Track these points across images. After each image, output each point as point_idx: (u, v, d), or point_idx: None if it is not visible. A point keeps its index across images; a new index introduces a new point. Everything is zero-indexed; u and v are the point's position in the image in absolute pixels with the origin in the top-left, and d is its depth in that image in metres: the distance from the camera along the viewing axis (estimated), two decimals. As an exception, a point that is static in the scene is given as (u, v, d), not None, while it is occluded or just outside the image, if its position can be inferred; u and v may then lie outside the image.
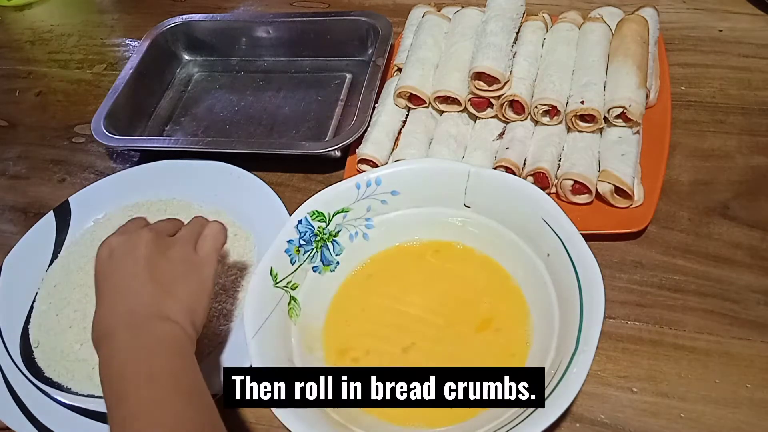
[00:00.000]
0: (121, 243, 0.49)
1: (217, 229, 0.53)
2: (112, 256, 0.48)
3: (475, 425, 0.46)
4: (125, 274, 0.47)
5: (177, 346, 0.45)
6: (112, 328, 0.44)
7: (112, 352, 0.43)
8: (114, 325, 0.45)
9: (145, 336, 0.44)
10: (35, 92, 0.92)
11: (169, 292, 0.47)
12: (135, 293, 0.46)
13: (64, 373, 0.58)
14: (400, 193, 0.57)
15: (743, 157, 0.65)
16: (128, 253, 0.48)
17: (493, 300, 0.54)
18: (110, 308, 0.46)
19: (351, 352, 0.53)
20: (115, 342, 0.44)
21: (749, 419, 0.49)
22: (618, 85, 0.62)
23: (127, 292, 0.46)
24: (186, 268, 0.49)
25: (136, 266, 0.47)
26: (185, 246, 0.50)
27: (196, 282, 0.49)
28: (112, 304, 0.46)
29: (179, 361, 0.44)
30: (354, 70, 0.83)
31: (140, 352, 0.43)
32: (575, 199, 0.61)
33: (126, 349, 0.43)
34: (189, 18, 0.87)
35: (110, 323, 0.45)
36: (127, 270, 0.47)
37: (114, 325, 0.45)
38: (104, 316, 0.46)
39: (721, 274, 0.57)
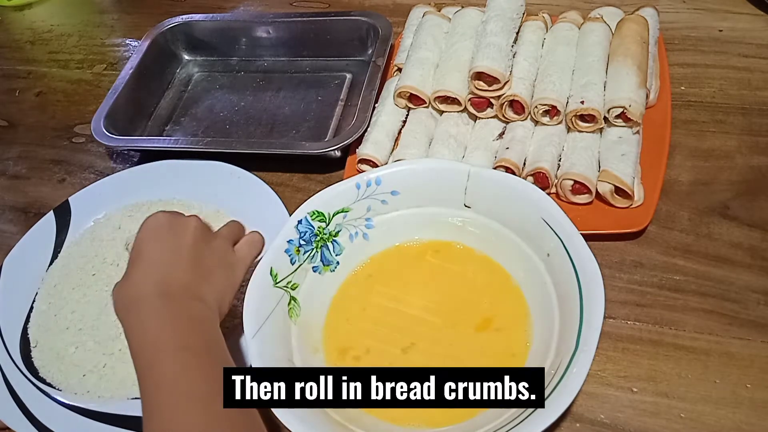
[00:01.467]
0: (170, 219, 0.50)
1: (258, 238, 0.55)
2: (159, 230, 0.49)
3: (475, 425, 0.46)
4: (169, 248, 0.48)
5: (211, 325, 0.46)
6: (146, 295, 0.45)
7: (142, 320, 0.44)
8: (149, 292, 0.45)
9: (178, 309, 0.45)
10: (35, 92, 0.92)
11: (206, 278, 0.48)
12: (173, 270, 0.47)
13: (57, 375, 0.58)
14: (400, 193, 0.57)
15: (743, 157, 0.65)
16: (176, 231, 0.49)
17: (493, 300, 0.54)
18: (143, 278, 0.46)
19: (351, 352, 0.53)
20: (150, 308, 0.44)
21: (749, 419, 0.49)
22: (618, 85, 0.62)
23: (165, 267, 0.47)
24: (223, 262, 0.51)
25: (182, 245, 0.48)
26: (226, 242, 0.52)
27: (228, 277, 0.50)
28: (146, 275, 0.46)
29: (211, 337, 0.45)
30: (354, 70, 0.83)
31: (174, 323, 0.43)
32: (575, 199, 0.61)
33: (161, 317, 0.43)
34: (189, 18, 0.87)
35: (145, 290, 0.45)
36: (170, 247, 0.48)
37: (149, 292, 0.45)
38: (135, 284, 0.46)
39: (721, 274, 0.57)
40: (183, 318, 0.44)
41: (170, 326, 0.43)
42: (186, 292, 0.46)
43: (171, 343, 0.42)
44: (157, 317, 0.44)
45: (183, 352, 0.42)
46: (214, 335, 0.45)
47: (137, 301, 0.44)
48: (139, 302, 0.44)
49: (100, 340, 0.59)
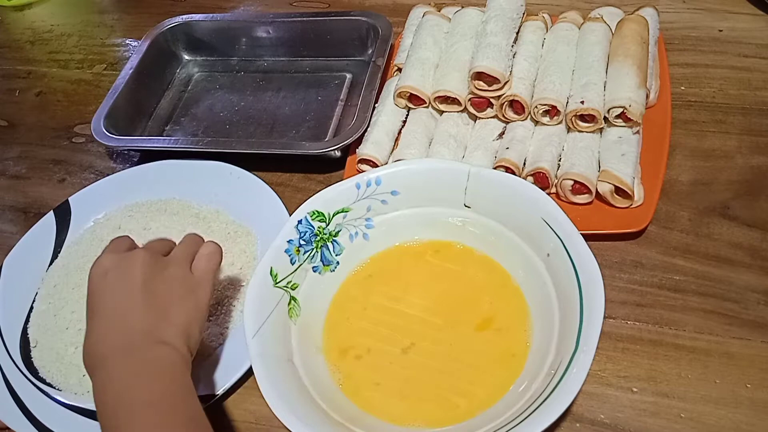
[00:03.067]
0: (115, 263, 0.48)
1: (213, 250, 0.52)
2: (106, 278, 0.47)
3: (475, 425, 0.46)
4: (120, 296, 0.46)
5: (174, 370, 0.44)
6: (106, 355, 0.44)
7: (107, 379, 0.43)
8: (109, 351, 0.44)
9: (141, 362, 0.43)
10: (35, 92, 0.92)
11: (165, 316, 0.46)
12: (130, 317, 0.45)
13: (57, 375, 0.58)
14: (400, 193, 0.57)
15: (743, 157, 0.65)
16: (123, 275, 0.47)
17: (493, 300, 0.54)
18: (104, 333, 0.45)
19: (352, 351, 0.53)
20: (111, 369, 0.43)
21: (749, 419, 0.49)
22: (618, 85, 0.62)
23: (121, 316, 0.45)
24: (182, 289, 0.48)
25: (132, 289, 0.46)
26: (180, 266, 0.50)
27: (191, 303, 0.48)
28: (106, 328, 0.45)
29: (176, 387, 0.43)
30: (354, 70, 0.83)
31: (137, 379, 0.42)
32: (575, 199, 0.61)
33: (122, 376, 0.42)
34: (189, 18, 0.87)
35: (104, 349, 0.44)
36: (122, 292, 0.46)
37: (109, 350, 0.44)
38: (98, 341, 0.45)
39: (721, 274, 0.57)
40: (146, 371, 0.43)
41: (135, 383, 0.42)
42: (148, 339, 0.44)
43: (136, 402, 0.41)
44: (120, 375, 0.42)
45: (148, 411, 0.40)
46: (181, 382, 0.44)
47: (100, 360, 0.44)
48: (101, 361, 0.43)
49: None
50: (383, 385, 0.51)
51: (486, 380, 0.50)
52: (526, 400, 0.45)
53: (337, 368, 0.52)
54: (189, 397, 0.43)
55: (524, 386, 0.47)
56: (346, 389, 0.51)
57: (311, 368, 0.51)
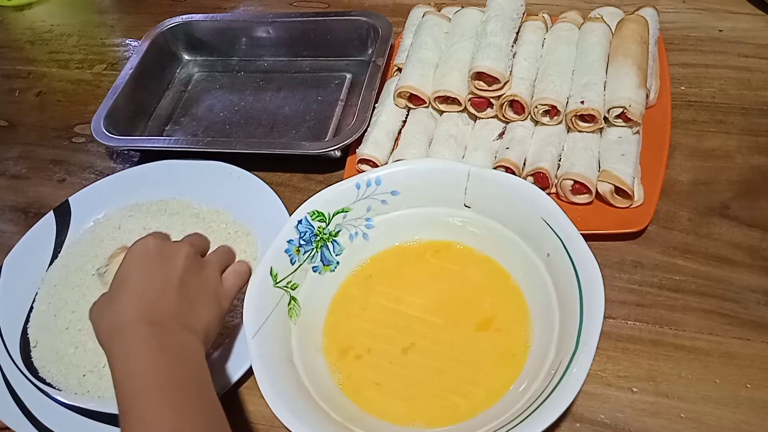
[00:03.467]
0: (160, 246, 0.49)
1: (245, 269, 0.54)
2: (148, 254, 0.48)
3: (475, 425, 0.46)
4: (158, 276, 0.47)
5: (198, 357, 0.45)
6: (132, 321, 0.43)
7: (131, 346, 0.42)
8: (136, 319, 0.43)
9: (168, 338, 0.44)
10: (35, 92, 0.92)
11: (194, 308, 0.47)
12: (163, 297, 0.46)
13: (57, 375, 0.58)
14: (400, 193, 0.57)
15: (743, 157, 0.65)
16: (166, 259, 0.48)
17: (493, 300, 0.54)
18: (133, 302, 0.45)
19: (352, 351, 0.53)
20: (136, 336, 0.43)
21: (749, 419, 0.49)
22: (618, 85, 0.62)
23: (155, 293, 0.46)
24: (211, 293, 0.50)
25: (172, 274, 0.47)
26: (215, 272, 0.51)
27: (216, 309, 0.49)
28: (136, 298, 0.45)
29: (199, 373, 0.44)
30: (354, 70, 0.83)
31: (163, 353, 0.42)
32: (575, 199, 0.61)
33: (148, 346, 0.42)
34: (189, 18, 0.87)
35: (131, 316, 0.43)
36: (160, 273, 0.47)
37: (136, 318, 0.43)
38: (125, 309, 0.44)
39: (721, 274, 0.57)
40: (171, 349, 0.43)
41: (157, 357, 0.42)
42: (174, 321, 0.45)
43: (158, 378, 0.41)
44: (143, 346, 0.42)
45: (170, 390, 0.40)
46: (201, 369, 0.44)
47: (123, 327, 0.43)
48: (124, 329, 0.43)
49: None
50: (383, 385, 0.51)
51: (486, 380, 0.50)
52: (526, 400, 0.45)
53: (337, 368, 0.52)
54: (208, 385, 0.44)
55: (524, 386, 0.47)
56: (346, 389, 0.51)
57: (311, 368, 0.51)
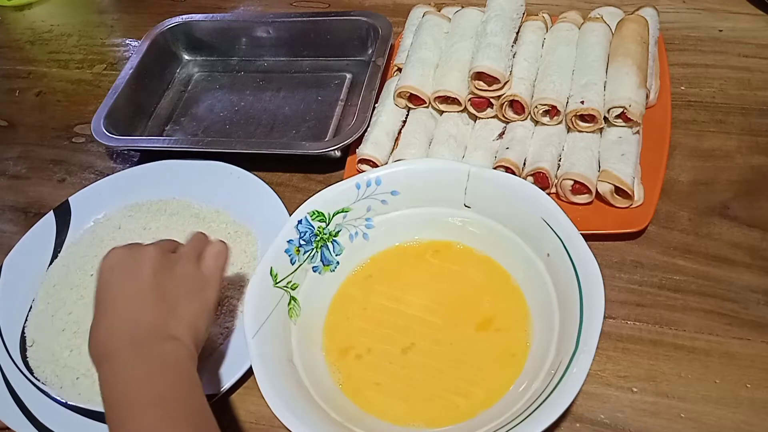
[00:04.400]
0: (125, 257, 0.48)
1: (221, 249, 0.52)
2: (114, 271, 0.47)
3: (475, 425, 0.46)
4: (129, 290, 0.46)
5: (180, 365, 0.44)
6: (114, 348, 0.44)
7: (114, 373, 0.43)
8: (116, 345, 0.44)
9: (149, 357, 0.43)
10: (35, 92, 0.92)
11: (173, 311, 0.46)
12: (139, 311, 0.45)
13: (51, 376, 0.58)
14: (400, 193, 0.57)
15: (743, 157, 0.65)
16: (133, 269, 0.47)
17: (493, 300, 0.54)
18: (112, 326, 0.45)
19: (352, 351, 0.53)
20: (118, 362, 0.43)
21: (749, 419, 0.49)
22: (618, 85, 0.62)
23: (130, 310, 0.45)
24: (190, 286, 0.49)
25: (141, 283, 0.46)
26: (189, 263, 0.50)
27: (199, 300, 0.48)
28: (114, 321, 0.45)
29: (183, 382, 0.43)
30: (354, 70, 0.83)
31: (145, 374, 0.42)
32: (575, 199, 0.61)
33: (130, 371, 0.42)
34: (189, 18, 0.87)
35: (112, 342, 0.44)
36: (131, 286, 0.46)
37: (116, 344, 0.44)
38: (106, 333, 0.45)
39: (721, 274, 0.57)
40: (154, 366, 0.43)
41: (142, 378, 0.42)
42: (156, 334, 0.45)
43: (144, 397, 0.41)
44: (128, 370, 0.42)
45: (155, 408, 0.40)
46: (188, 378, 0.44)
47: (108, 353, 0.43)
48: (109, 355, 0.43)
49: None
50: (383, 385, 0.51)
51: (486, 380, 0.50)
52: (526, 400, 0.45)
53: (337, 368, 0.52)
54: (195, 391, 0.44)
55: (524, 386, 0.47)
56: (346, 389, 0.51)
57: (311, 368, 0.51)
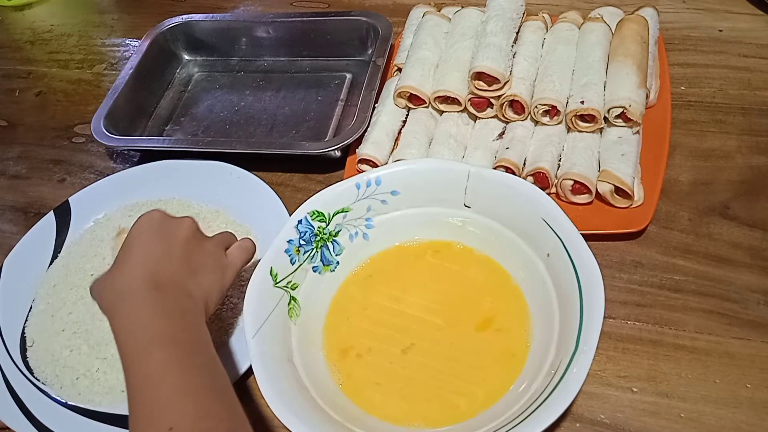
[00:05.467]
0: (164, 218, 0.50)
1: (249, 245, 0.54)
2: (152, 226, 0.49)
3: (475, 425, 0.46)
4: (161, 245, 0.48)
5: (199, 321, 0.46)
6: (136, 287, 0.44)
7: (134, 309, 0.43)
8: (139, 284, 0.44)
9: (171, 301, 0.45)
10: (35, 92, 0.92)
11: (195, 275, 0.48)
12: (166, 263, 0.47)
13: (51, 376, 0.58)
14: (400, 193, 0.57)
15: (743, 157, 0.65)
16: (170, 230, 0.49)
17: (493, 300, 0.54)
18: (137, 268, 0.46)
19: (353, 351, 0.53)
20: (139, 300, 0.44)
21: (749, 419, 0.49)
22: (618, 85, 0.62)
23: (158, 259, 0.47)
24: (214, 263, 0.50)
25: (174, 243, 0.48)
26: (217, 246, 0.52)
27: (218, 279, 0.50)
28: (139, 264, 0.46)
29: (200, 334, 0.45)
30: (354, 70, 0.83)
31: (166, 315, 0.43)
32: (575, 199, 0.61)
33: (151, 309, 0.43)
34: (189, 18, 0.87)
35: (133, 283, 0.45)
36: (161, 243, 0.48)
37: (139, 283, 0.44)
38: (127, 276, 0.45)
39: (721, 274, 0.57)
40: (173, 311, 0.44)
41: (160, 319, 0.43)
42: (176, 287, 0.46)
43: (161, 336, 0.42)
44: (146, 309, 0.43)
45: (172, 347, 0.41)
46: (202, 331, 0.45)
47: (126, 292, 0.44)
48: (128, 294, 0.44)
49: (93, 344, 0.59)
50: (383, 385, 0.51)
51: (486, 380, 0.50)
52: (526, 400, 0.45)
53: (337, 368, 0.52)
54: (208, 343, 0.45)
55: (524, 386, 0.47)
56: (346, 389, 0.51)
57: (311, 368, 0.51)
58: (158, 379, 0.40)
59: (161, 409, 0.39)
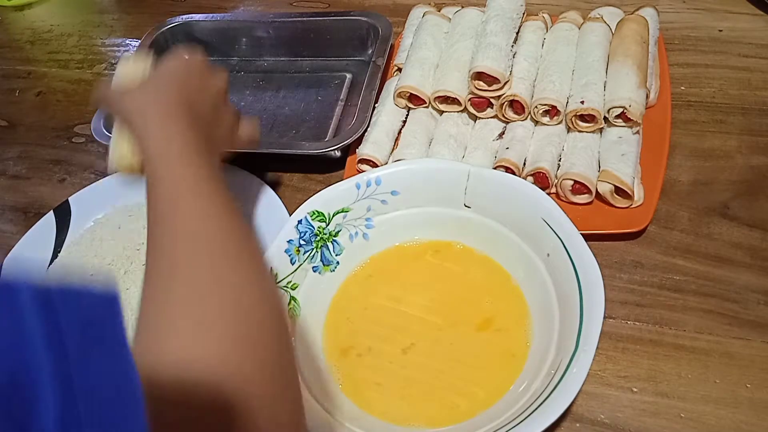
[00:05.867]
0: (205, 63, 0.51)
1: (257, 137, 0.57)
2: (194, 64, 0.50)
3: (475, 425, 0.46)
4: (198, 83, 0.48)
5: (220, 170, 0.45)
6: (175, 106, 0.44)
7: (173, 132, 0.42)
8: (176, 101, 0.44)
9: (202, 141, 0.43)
10: (35, 92, 0.92)
11: (216, 126, 0.49)
12: (199, 100, 0.47)
13: None
14: (400, 193, 0.57)
15: (743, 157, 0.65)
16: (208, 75, 0.51)
17: (493, 300, 0.54)
18: (171, 87, 0.46)
19: (353, 351, 0.53)
20: (177, 123, 0.43)
21: (749, 419, 0.49)
22: (618, 85, 0.62)
23: (191, 94, 0.46)
24: (228, 127, 0.52)
25: (209, 88, 0.49)
26: (236, 115, 0.54)
27: (226, 142, 0.51)
28: (177, 88, 0.46)
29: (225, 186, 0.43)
30: (354, 70, 0.83)
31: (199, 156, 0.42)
32: (575, 199, 0.61)
33: (192, 132, 0.42)
34: (189, 18, 0.87)
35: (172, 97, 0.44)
36: (201, 83, 0.49)
37: (176, 101, 0.44)
38: (162, 88, 0.45)
39: (721, 274, 0.57)
40: (204, 154, 0.42)
41: (193, 132, 0.42)
42: (203, 125, 0.46)
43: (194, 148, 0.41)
44: (189, 132, 0.42)
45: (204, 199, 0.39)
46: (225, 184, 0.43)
47: (163, 107, 0.43)
48: (164, 109, 0.43)
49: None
50: (383, 385, 0.51)
51: (486, 380, 0.50)
52: (526, 400, 0.45)
53: (337, 368, 0.52)
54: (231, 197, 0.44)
55: (524, 386, 0.47)
56: (346, 389, 0.51)
57: (311, 368, 0.51)
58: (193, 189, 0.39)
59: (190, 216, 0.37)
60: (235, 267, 0.36)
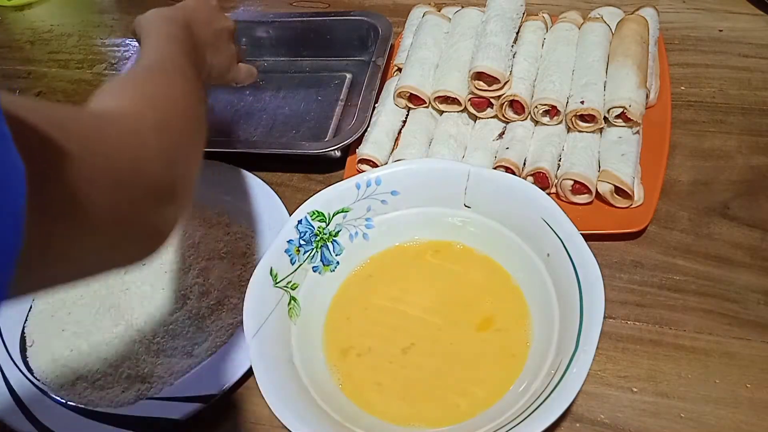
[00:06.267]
0: (218, 6, 0.60)
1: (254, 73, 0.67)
2: (200, 4, 0.58)
3: (475, 425, 0.46)
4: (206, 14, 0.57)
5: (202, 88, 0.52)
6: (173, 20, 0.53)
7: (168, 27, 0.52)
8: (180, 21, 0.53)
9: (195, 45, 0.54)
10: (35, 92, 0.92)
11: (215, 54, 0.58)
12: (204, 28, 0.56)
13: (51, 376, 0.58)
14: (399, 193, 0.57)
15: (743, 157, 0.65)
16: (218, 15, 0.60)
17: (493, 300, 0.54)
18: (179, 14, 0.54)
19: (352, 351, 0.53)
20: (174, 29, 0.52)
21: (749, 419, 0.49)
22: (618, 85, 0.62)
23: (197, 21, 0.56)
24: (228, 60, 0.61)
25: (215, 23, 0.58)
26: (236, 53, 0.63)
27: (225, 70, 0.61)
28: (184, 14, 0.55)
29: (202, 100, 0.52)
30: (354, 70, 0.83)
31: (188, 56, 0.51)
32: (575, 199, 0.61)
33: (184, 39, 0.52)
34: (189, 18, 0.87)
35: (177, 17, 0.53)
36: (209, 16, 0.58)
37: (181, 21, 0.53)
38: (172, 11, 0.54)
39: (721, 274, 0.57)
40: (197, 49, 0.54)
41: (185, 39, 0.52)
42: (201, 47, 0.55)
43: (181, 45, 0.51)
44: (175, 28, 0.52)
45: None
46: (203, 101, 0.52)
47: (164, 17, 0.53)
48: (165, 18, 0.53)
49: (93, 344, 0.59)
50: (383, 385, 0.51)
51: (486, 380, 0.50)
52: (526, 400, 0.45)
53: (337, 368, 0.52)
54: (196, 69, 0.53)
55: (524, 386, 0.47)
56: (346, 389, 0.51)
57: (311, 368, 0.51)
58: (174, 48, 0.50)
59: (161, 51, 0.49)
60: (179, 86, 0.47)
